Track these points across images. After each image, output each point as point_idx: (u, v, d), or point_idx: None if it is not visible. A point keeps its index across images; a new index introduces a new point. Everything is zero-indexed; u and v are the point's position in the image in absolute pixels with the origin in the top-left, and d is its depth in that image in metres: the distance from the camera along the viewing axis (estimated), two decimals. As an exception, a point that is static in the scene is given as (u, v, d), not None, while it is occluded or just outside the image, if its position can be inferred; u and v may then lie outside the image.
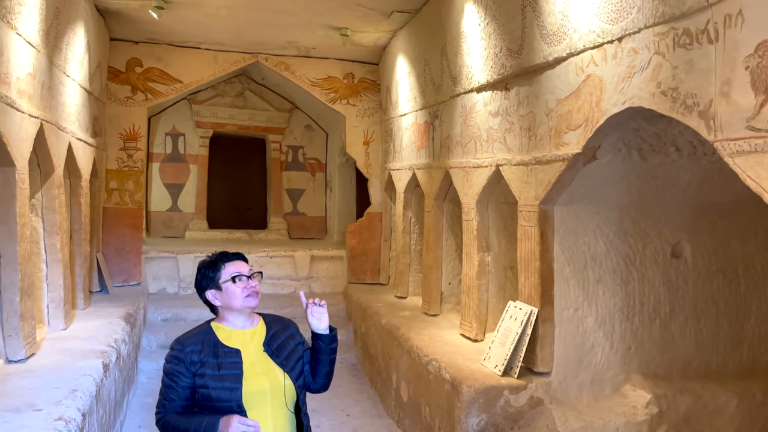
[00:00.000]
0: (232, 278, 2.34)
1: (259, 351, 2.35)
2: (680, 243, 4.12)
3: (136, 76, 7.43)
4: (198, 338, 2.31)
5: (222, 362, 2.26)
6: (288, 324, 2.52)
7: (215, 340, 2.32)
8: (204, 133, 9.39)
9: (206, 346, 2.29)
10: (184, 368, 2.25)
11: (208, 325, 2.40)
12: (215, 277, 2.36)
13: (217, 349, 2.29)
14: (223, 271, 2.36)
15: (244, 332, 2.38)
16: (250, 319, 2.43)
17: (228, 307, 2.37)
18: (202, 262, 2.43)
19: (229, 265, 2.38)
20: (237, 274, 2.35)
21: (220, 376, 2.24)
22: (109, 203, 7.27)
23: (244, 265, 2.42)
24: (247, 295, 2.34)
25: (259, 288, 2.41)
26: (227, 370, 2.26)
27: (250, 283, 2.36)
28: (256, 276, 2.42)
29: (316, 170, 10.04)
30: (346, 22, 6.45)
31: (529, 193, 3.96)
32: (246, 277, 2.37)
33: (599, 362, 3.96)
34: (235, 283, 2.34)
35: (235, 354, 2.30)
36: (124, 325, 5.28)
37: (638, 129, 3.39)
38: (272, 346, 2.38)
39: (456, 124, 5.22)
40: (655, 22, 2.76)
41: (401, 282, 6.92)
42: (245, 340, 2.36)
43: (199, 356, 2.26)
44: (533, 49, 3.83)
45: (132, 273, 7.33)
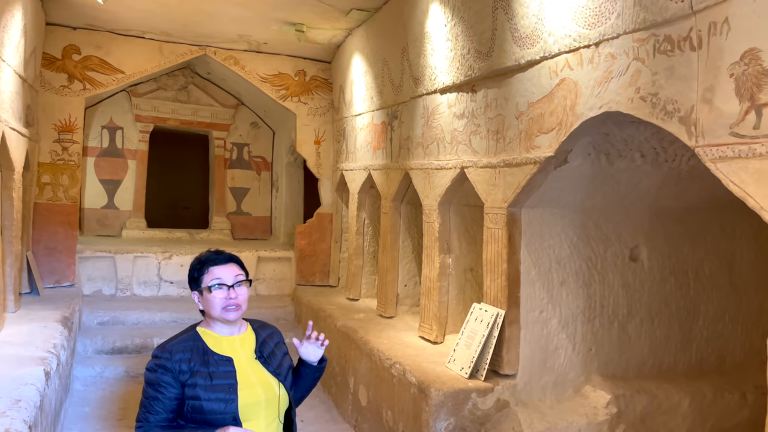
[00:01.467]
0: (208, 287, 2.17)
1: (250, 359, 2.20)
2: (638, 247, 4.23)
3: (74, 64, 6.99)
4: (186, 345, 2.14)
5: (214, 371, 2.10)
6: (274, 331, 2.39)
7: (204, 347, 2.15)
8: (144, 127, 8.95)
9: (195, 353, 2.12)
10: (171, 378, 2.07)
11: (194, 330, 2.22)
12: (199, 280, 2.20)
13: (207, 357, 2.12)
14: (206, 275, 2.19)
15: (233, 339, 2.22)
16: (237, 325, 2.27)
17: (209, 315, 2.22)
18: (194, 259, 2.27)
19: (213, 269, 2.20)
20: (217, 282, 2.17)
21: (212, 386, 2.07)
22: (41, 199, 6.79)
23: (231, 271, 2.22)
24: (225, 307, 2.16)
25: (243, 299, 2.20)
26: (220, 379, 2.09)
27: (230, 293, 2.17)
28: (244, 284, 2.22)
29: (262, 169, 9.78)
30: (303, 17, 6.30)
31: (496, 195, 3.96)
32: (228, 286, 2.17)
33: (562, 364, 4.01)
34: (211, 293, 2.16)
35: (227, 362, 2.14)
36: (61, 329, 4.93)
37: (608, 134, 3.45)
38: (264, 354, 2.23)
39: (417, 125, 5.18)
40: (635, 28, 2.80)
41: (354, 284, 6.81)
42: (235, 347, 2.20)
43: (189, 365, 2.08)
44: (504, 52, 3.83)
45: (65, 273, 6.88)
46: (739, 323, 4.46)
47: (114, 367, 5.93)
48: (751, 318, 4.50)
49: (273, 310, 7.49)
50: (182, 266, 7.69)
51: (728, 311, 4.43)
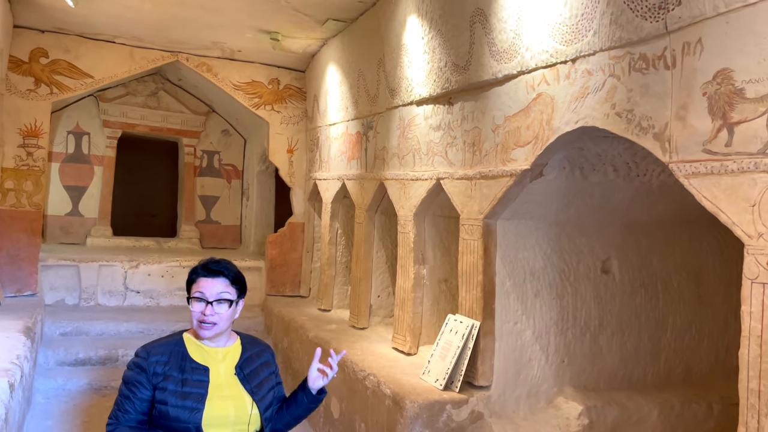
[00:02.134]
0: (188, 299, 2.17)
1: (229, 373, 2.16)
2: (609, 259, 4.31)
3: (41, 68, 6.82)
4: (166, 348, 2.12)
5: (187, 378, 2.07)
6: (264, 349, 2.34)
7: (184, 353, 2.13)
8: (111, 133, 8.78)
9: (173, 358, 2.10)
10: (145, 379, 2.05)
11: (180, 335, 2.21)
12: (189, 288, 2.19)
13: (184, 363, 2.10)
14: (193, 285, 2.17)
15: (216, 350, 2.19)
16: (225, 336, 2.23)
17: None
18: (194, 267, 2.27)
19: (201, 281, 2.17)
20: (198, 296, 2.14)
21: (182, 393, 2.05)
22: (4, 205, 6.59)
23: (216, 287, 2.16)
24: (199, 323, 2.12)
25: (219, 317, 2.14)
26: (191, 387, 2.07)
27: (207, 309, 2.12)
28: (225, 303, 2.15)
29: (233, 177, 9.68)
30: (279, 26, 6.28)
31: (472, 207, 3.99)
32: (206, 302, 2.12)
33: (535, 375, 4.04)
34: (189, 304, 2.16)
35: (202, 371, 2.11)
36: (24, 339, 4.77)
37: (583, 148, 3.51)
38: (245, 371, 2.20)
39: (393, 136, 5.20)
40: (611, 45, 2.86)
41: (326, 294, 6.77)
42: (217, 359, 2.17)
43: (163, 368, 2.07)
44: (481, 65, 3.88)
45: (27, 282, 6.67)
46: (705, 335, 4.57)
47: (77, 380, 5.76)
48: (717, 330, 4.61)
49: (242, 321, 7.37)
50: (149, 275, 7.55)
51: (695, 323, 4.54)
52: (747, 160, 2.23)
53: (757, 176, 2.20)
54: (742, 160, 2.25)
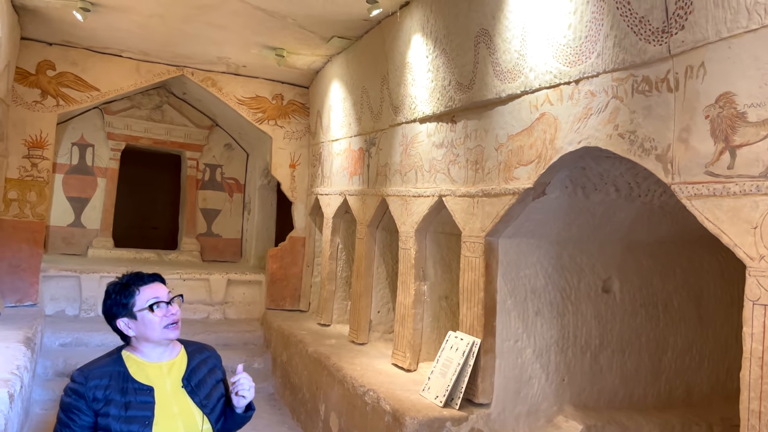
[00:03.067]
0: (149, 306, 2.04)
1: (176, 387, 2.06)
2: (610, 278, 4.32)
3: (48, 80, 6.88)
4: (105, 371, 2.00)
5: (130, 401, 1.96)
6: (210, 355, 2.23)
7: (125, 373, 2.01)
8: (116, 145, 8.83)
9: (114, 380, 1.98)
10: (84, 405, 1.93)
11: (118, 353, 2.08)
12: (128, 303, 2.05)
13: (126, 385, 1.98)
14: (138, 296, 2.05)
15: (160, 365, 2.09)
16: (170, 348, 2.13)
17: (143, 338, 2.07)
18: (111, 285, 2.11)
19: (145, 289, 2.07)
20: (155, 300, 2.05)
21: (126, 417, 1.94)
22: (7, 215, 6.61)
23: (163, 289, 2.11)
24: (167, 326, 2.05)
25: (179, 315, 2.10)
26: (136, 410, 1.96)
27: (170, 310, 2.06)
28: (177, 300, 2.11)
29: (234, 191, 9.71)
30: (284, 43, 6.34)
31: (474, 224, 4.01)
32: (165, 303, 2.06)
33: (535, 393, 4.03)
34: (153, 312, 2.04)
35: (146, 392, 2.00)
36: (24, 350, 4.76)
37: (585, 168, 3.54)
38: (192, 382, 2.09)
39: (396, 152, 5.24)
40: (614, 68, 2.91)
41: (325, 309, 6.77)
42: (161, 375, 2.06)
43: (104, 392, 1.95)
44: (485, 85, 3.92)
45: (28, 292, 6.67)
46: (706, 356, 4.57)
47: (76, 391, 5.73)
48: (718, 351, 4.61)
49: (242, 335, 7.38)
50: (150, 288, 7.53)
51: (696, 344, 4.54)
52: (749, 182, 2.26)
53: (759, 199, 2.22)
54: (744, 183, 2.27)
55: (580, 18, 3.10)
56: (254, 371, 6.83)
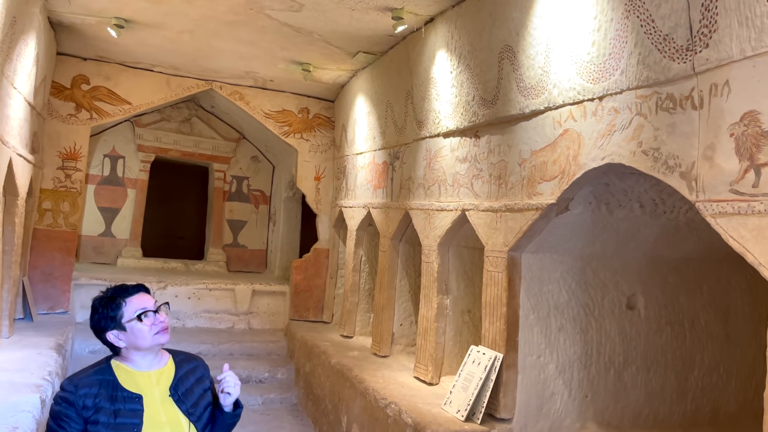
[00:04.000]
0: (137, 316, 2.09)
1: (164, 396, 2.11)
2: (635, 295, 4.29)
3: (82, 94, 7.10)
4: (95, 379, 2.05)
5: (119, 409, 2.01)
6: (198, 365, 2.29)
7: (114, 382, 2.06)
8: (145, 157, 9.05)
9: (103, 388, 2.03)
10: (74, 413, 1.97)
11: (107, 362, 2.14)
12: (116, 316, 2.09)
13: (115, 393, 2.03)
14: (125, 308, 2.10)
15: (149, 374, 2.14)
16: (158, 357, 2.19)
17: (134, 348, 2.12)
18: (98, 300, 2.16)
19: (131, 300, 2.12)
20: (143, 310, 2.10)
21: (115, 425, 1.98)
22: (41, 224, 6.81)
23: (148, 298, 2.17)
24: (157, 332, 2.11)
25: (168, 322, 2.16)
26: (124, 418, 2.00)
27: (158, 318, 2.12)
28: (163, 308, 2.18)
29: (260, 202, 9.85)
30: (310, 58, 6.45)
31: (497, 239, 4.02)
32: (152, 312, 2.12)
33: (558, 410, 4.01)
34: (142, 321, 2.09)
35: (135, 400, 2.05)
36: (56, 356, 4.89)
37: (609, 184, 3.54)
38: (179, 391, 2.14)
39: (419, 166, 5.28)
40: (638, 85, 2.92)
41: (348, 321, 6.81)
42: (150, 383, 2.12)
43: (93, 401, 1.99)
44: (509, 100, 3.95)
45: (60, 300, 6.85)
46: (733, 375, 4.49)
47: (104, 398, 5.85)
48: (745, 370, 4.53)
49: (266, 345, 7.46)
50: (176, 297, 7.67)
51: (723, 363, 4.47)
52: (774, 201, 2.24)
53: (784, 218, 2.21)
54: (768, 202, 2.26)
55: (604, 35, 3.12)
56: (278, 381, 6.90)
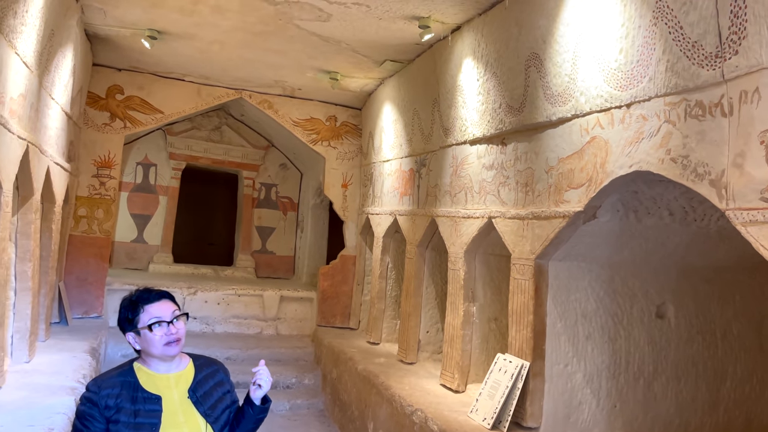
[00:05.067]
0: (149, 326, 2.14)
1: (183, 398, 2.18)
2: (665, 304, 4.23)
3: (116, 103, 7.29)
4: (117, 380, 2.13)
5: (139, 409, 2.09)
6: (218, 369, 2.35)
7: (135, 383, 2.14)
8: (177, 165, 9.23)
9: (125, 389, 2.11)
10: (97, 413, 2.06)
11: (130, 365, 2.22)
12: (134, 320, 2.16)
13: (136, 394, 2.11)
14: (142, 314, 2.16)
15: (168, 377, 2.20)
16: (177, 362, 2.24)
17: (147, 353, 2.19)
18: (124, 300, 2.23)
19: (149, 308, 2.17)
20: (156, 320, 2.15)
21: (135, 424, 2.06)
22: (76, 231, 6.99)
23: (167, 307, 2.21)
24: (167, 344, 2.15)
25: (182, 333, 2.20)
26: (144, 418, 2.08)
27: (170, 329, 2.15)
28: (181, 318, 2.22)
29: (288, 209, 9.96)
30: (338, 66, 6.53)
31: (524, 246, 4.01)
32: (167, 322, 2.16)
33: (586, 419, 3.97)
34: (152, 331, 2.14)
35: (154, 401, 2.12)
36: (90, 360, 5.02)
37: (637, 192, 3.51)
38: (197, 393, 2.21)
39: (446, 173, 5.30)
40: (666, 92, 2.89)
41: (375, 328, 6.83)
42: (169, 386, 2.18)
43: (115, 401, 2.07)
44: (535, 108, 3.95)
45: (94, 305, 7.02)
46: (767, 386, 4.39)
47: (135, 401, 5.97)
48: (780, 381, 4.43)
49: (293, 350, 7.52)
50: (206, 302, 7.80)
51: (756, 373, 4.38)
52: (806, 209, 2.21)
53: (817, 226, 2.17)
54: (800, 210, 2.23)
55: (632, 42, 3.10)
56: (305, 387, 6.95)
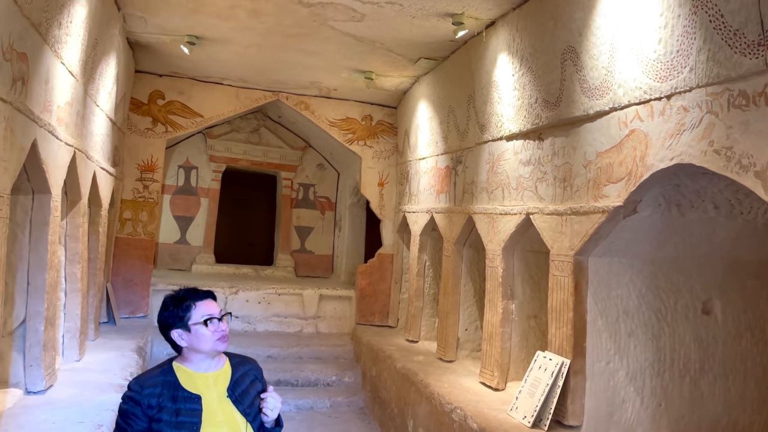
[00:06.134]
0: (204, 321, 2.19)
1: (222, 397, 2.22)
2: (711, 300, 4.11)
3: (158, 108, 7.49)
4: (158, 380, 2.18)
5: (180, 408, 2.13)
6: (252, 367, 2.39)
7: (175, 382, 2.18)
8: (217, 167, 9.42)
9: (166, 389, 2.15)
10: (140, 411, 2.11)
11: (169, 364, 2.25)
12: (185, 317, 2.21)
13: (176, 393, 2.15)
14: (194, 311, 2.21)
15: (207, 376, 2.24)
16: (216, 360, 2.28)
17: (194, 350, 2.22)
18: (170, 298, 2.28)
19: (200, 305, 2.23)
20: (209, 316, 2.21)
21: (177, 423, 2.10)
22: (122, 233, 7.22)
23: (215, 306, 2.28)
24: (218, 339, 2.21)
25: (228, 330, 2.26)
26: (185, 417, 2.12)
27: (220, 326, 2.22)
28: (225, 318, 2.27)
29: (326, 209, 10.06)
30: (372, 66, 6.56)
31: (563, 243, 3.96)
32: (218, 319, 2.23)
33: (629, 418, 3.90)
34: (207, 326, 2.19)
35: (195, 400, 2.16)
36: (137, 358, 5.18)
37: (679, 185, 3.43)
38: (236, 392, 2.24)
39: (482, 170, 5.26)
40: (708, 82, 2.82)
41: (413, 326, 6.84)
42: (208, 385, 2.22)
43: (157, 400, 2.12)
44: (572, 102, 3.89)
45: (139, 305, 7.23)
46: (821, 384, 4.23)
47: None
48: (836, 379, 4.26)
49: (333, 348, 7.59)
50: (247, 301, 7.94)
51: (810, 371, 4.22)
52: None
53: None
54: None
55: (671, 32, 3.03)
56: (345, 385, 7.01)
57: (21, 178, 3.55)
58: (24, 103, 3.17)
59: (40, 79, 3.44)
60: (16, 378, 3.75)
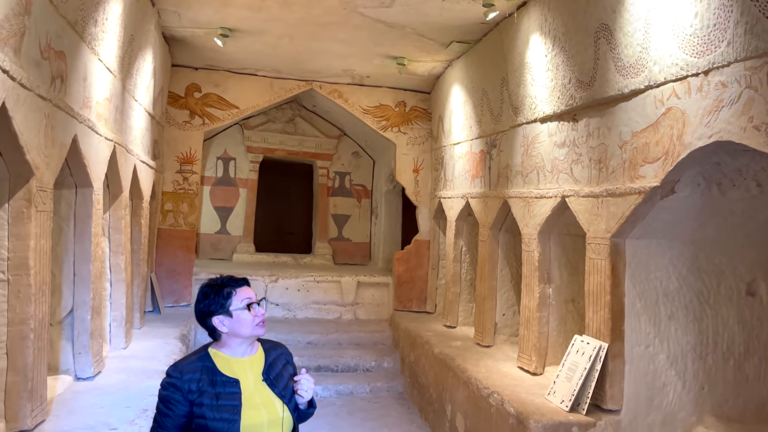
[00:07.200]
0: (247, 306, 2.27)
1: (258, 380, 2.28)
2: (755, 281, 3.99)
3: (195, 101, 7.63)
4: (196, 366, 2.24)
5: (220, 392, 2.19)
6: (283, 352, 2.45)
7: (213, 368, 2.24)
8: (254, 157, 9.56)
9: (204, 374, 2.21)
10: (181, 396, 2.17)
11: (205, 351, 2.31)
12: (226, 303, 2.27)
13: (215, 378, 2.21)
14: (235, 297, 2.29)
15: (243, 360, 2.30)
16: (251, 346, 2.35)
17: (234, 335, 2.28)
18: (208, 287, 2.34)
19: (240, 291, 2.31)
20: (250, 301, 2.29)
21: (218, 406, 2.17)
22: (164, 225, 7.41)
23: (252, 292, 2.35)
24: (257, 323, 2.28)
25: (265, 316, 2.34)
26: (225, 400, 2.18)
27: (260, 310, 2.30)
28: (262, 303, 2.35)
29: (362, 196, 10.11)
30: (404, 51, 6.53)
31: (599, 225, 3.89)
32: (257, 303, 2.31)
33: (671, 402, 3.83)
34: (249, 311, 2.27)
35: (233, 384, 2.22)
36: (180, 345, 5.34)
37: (719, 163, 3.32)
38: (271, 376, 2.31)
39: (517, 154, 5.20)
40: (746, 56, 2.71)
41: (451, 311, 6.84)
42: (244, 369, 2.29)
43: (197, 385, 2.18)
44: (606, 81, 3.80)
45: (183, 294, 7.42)
46: None
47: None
48: None
49: (371, 335, 7.66)
50: (287, 289, 8.06)
51: None
52: None
53: None
54: None
55: (708, 5, 2.92)
56: (384, 370, 7.08)
57: (64, 172, 3.68)
58: (63, 100, 3.28)
59: (79, 76, 3.55)
60: (66, 365, 3.93)
